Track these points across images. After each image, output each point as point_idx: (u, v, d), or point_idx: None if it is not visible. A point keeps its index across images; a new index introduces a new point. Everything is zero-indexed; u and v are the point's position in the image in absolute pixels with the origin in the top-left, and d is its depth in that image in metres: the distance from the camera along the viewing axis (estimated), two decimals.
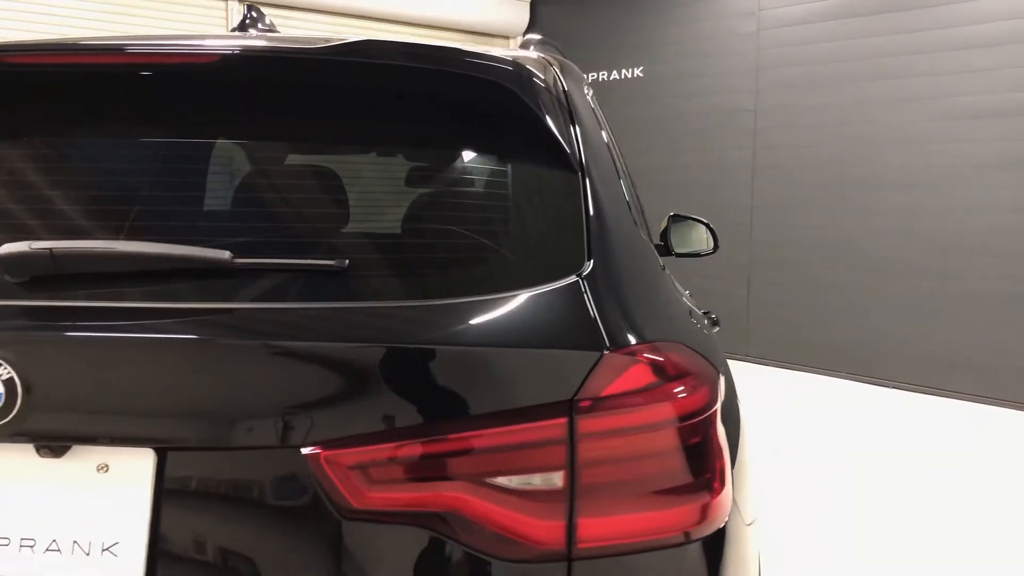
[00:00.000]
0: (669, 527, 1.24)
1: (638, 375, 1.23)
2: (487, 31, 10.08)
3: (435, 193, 1.40)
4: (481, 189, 1.40)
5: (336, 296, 1.24)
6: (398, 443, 1.17)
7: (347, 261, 1.25)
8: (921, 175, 6.99)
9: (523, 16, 10.07)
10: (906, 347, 6.89)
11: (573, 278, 1.28)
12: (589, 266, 1.31)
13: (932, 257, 6.89)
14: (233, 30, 1.97)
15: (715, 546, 1.29)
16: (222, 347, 1.20)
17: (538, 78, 1.48)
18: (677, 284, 1.84)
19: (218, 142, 1.47)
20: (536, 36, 2.05)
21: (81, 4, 7.50)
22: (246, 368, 1.20)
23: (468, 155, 1.42)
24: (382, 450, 1.17)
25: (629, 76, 9.06)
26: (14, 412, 1.16)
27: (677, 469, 1.24)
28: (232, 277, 1.24)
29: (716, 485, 1.28)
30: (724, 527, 1.30)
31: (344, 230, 1.35)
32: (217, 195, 1.43)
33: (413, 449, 1.17)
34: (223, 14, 8.25)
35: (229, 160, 1.44)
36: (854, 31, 7.34)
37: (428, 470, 1.18)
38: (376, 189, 1.43)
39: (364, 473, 1.17)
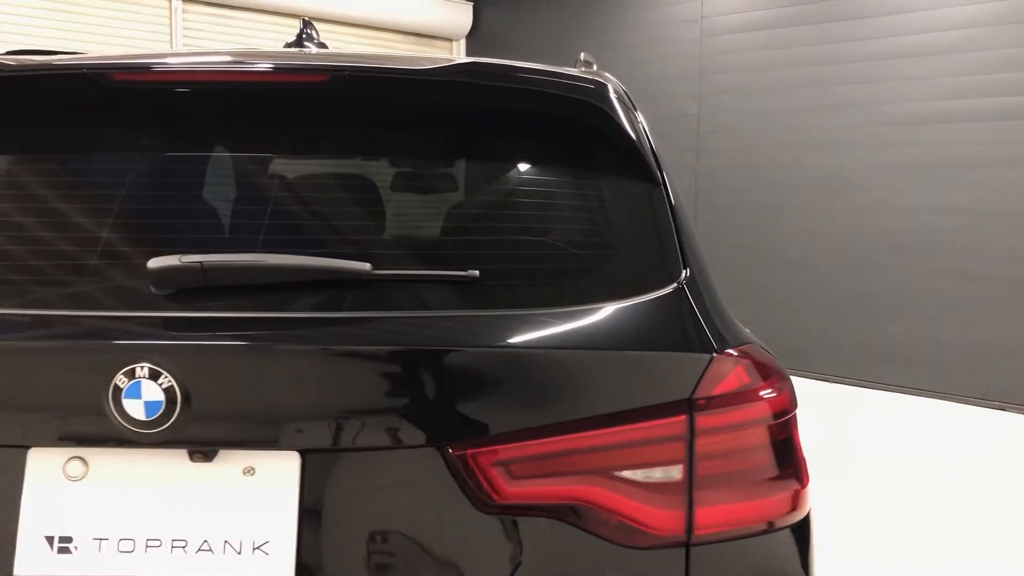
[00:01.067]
0: (769, 514, 1.37)
1: (740, 375, 1.35)
2: (430, 33, 10.13)
3: (546, 206, 1.49)
4: (586, 203, 1.50)
5: (469, 304, 1.32)
6: (537, 441, 1.27)
7: (477, 272, 1.33)
8: (851, 178, 7.33)
9: (466, 19, 10.15)
10: (835, 342, 7.23)
11: (676, 285, 1.40)
12: (686, 273, 1.43)
13: (860, 256, 7.24)
14: (288, 45, 2.02)
15: (803, 531, 1.42)
16: (365, 354, 1.27)
17: (619, 97, 1.59)
18: None
19: (343, 159, 1.53)
20: (587, 56, 2.15)
21: (24, 1, 7.30)
22: (391, 373, 1.27)
23: (571, 171, 1.52)
24: (522, 447, 1.26)
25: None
26: (172, 419, 1.22)
27: (773, 462, 1.37)
28: (370, 287, 1.31)
29: (803, 477, 1.41)
30: (808, 514, 1.43)
31: (470, 243, 1.44)
32: (346, 209, 1.49)
33: (550, 446, 1.27)
34: (167, 14, 8.11)
35: (355, 175, 1.51)
36: (791, 40, 7.64)
37: (562, 466, 1.28)
38: (497, 205, 1.51)
39: (506, 469, 1.26)
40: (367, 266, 1.30)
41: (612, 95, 1.58)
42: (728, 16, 8.02)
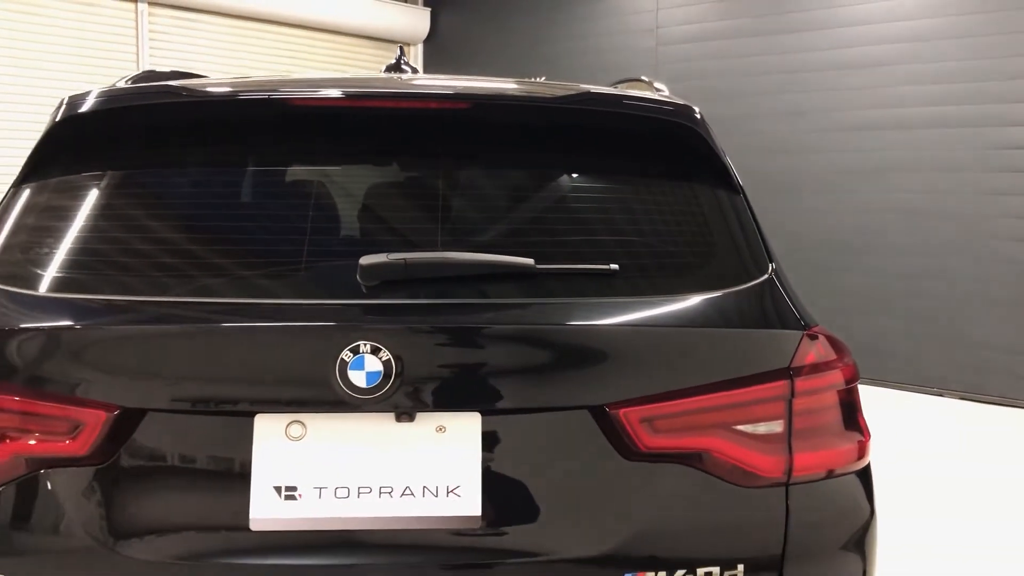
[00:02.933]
0: (844, 460, 1.70)
1: (824, 349, 1.68)
2: (389, 37, 10.32)
3: (661, 211, 1.80)
4: (691, 209, 1.81)
5: (611, 293, 1.62)
6: (673, 402, 1.57)
7: (616, 266, 1.63)
8: (800, 181, 7.83)
9: (424, 24, 10.39)
10: None
11: (768, 276, 1.72)
12: (772, 265, 1.75)
13: (811, 255, 7.74)
14: (386, 69, 2.28)
15: (866, 474, 1.75)
16: (533, 332, 1.56)
17: (699, 113, 1.91)
18: None
19: (496, 172, 1.81)
20: (644, 78, 2.46)
21: None
22: (553, 347, 1.57)
23: (674, 183, 1.82)
24: (661, 407, 1.57)
25: (529, 79, 9.54)
26: (387, 387, 1.48)
27: (846, 419, 1.70)
28: (533, 279, 1.60)
29: (865, 432, 1.74)
30: (869, 463, 1.76)
31: (607, 243, 1.73)
32: (507, 214, 1.77)
33: (682, 406, 1.58)
34: (132, 17, 8.17)
35: (510, 186, 1.80)
36: (741, 51, 8.11)
37: (692, 421, 1.59)
38: (624, 211, 1.80)
39: (650, 424, 1.56)
40: (531, 261, 1.59)
41: (699, 117, 1.89)
42: (682, 27, 8.45)
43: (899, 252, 7.34)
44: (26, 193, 1.74)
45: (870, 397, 6.78)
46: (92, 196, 1.72)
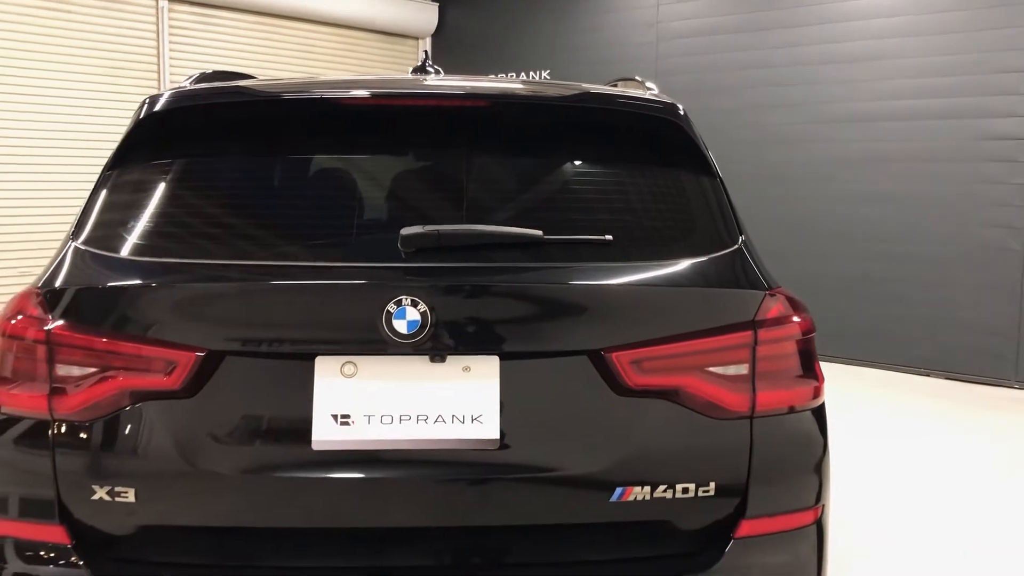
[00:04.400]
0: (801, 399, 2.04)
1: (782, 306, 2.02)
2: (397, 32, 10.66)
3: (649, 191, 2.15)
4: (675, 189, 2.15)
5: (606, 259, 1.97)
6: (656, 347, 1.91)
7: (610, 237, 1.98)
8: (792, 170, 8.16)
9: (432, 18, 10.71)
10: None
11: (738, 246, 2.07)
12: (742, 238, 2.09)
13: (804, 241, 8.08)
14: (414, 71, 2.63)
15: (820, 413, 2.09)
16: (541, 290, 1.91)
17: (682, 109, 2.25)
18: None
19: (512, 158, 2.16)
20: (637, 77, 2.81)
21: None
22: (559, 302, 1.91)
23: (660, 167, 2.17)
24: (647, 351, 1.91)
25: (536, 78, 9.88)
26: (423, 334, 1.83)
27: (803, 364, 2.04)
28: (541, 247, 1.95)
29: (820, 376, 2.08)
30: (823, 403, 2.10)
31: (603, 218, 2.07)
32: (519, 193, 2.12)
33: (665, 350, 1.92)
34: (153, 13, 8.50)
35: (522, 170, 2.15)
36: (740, 45, 8.43)
37: (672, 364, 1.93)
38: (616, 191, 2.15)
39: (638, 365, 1.90)
40: (540, 232, 1.94)
41: (683, 113, 2.24)
42: (682, 22, 8.76)
43: (888, 239, 7.68)
44: (118, 175, 2.09)
45: (858, 377, 7.10)
46: (175, 177, 2.07)
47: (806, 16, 8.03)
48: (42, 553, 1.90)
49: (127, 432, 1.87)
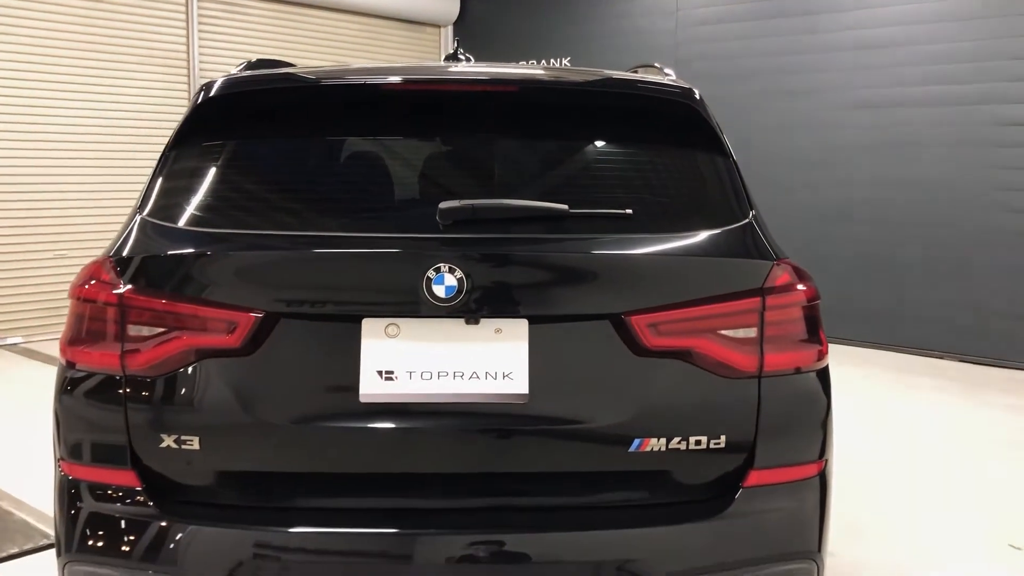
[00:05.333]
0: (805, 361, 2.21)
1: (789, 274, 2.19)
2: (420, 20, 10.83)
3: (668, 169, 2.33)
4: (692, 168, 2.33)
5: (626, 231, 2.14)
6: (673, 311, 2.09)
7: (631, 210, 2.16)
8: (812, 156, 8.28)
9: (454, 6, 10.87)
10: None
11: (748, 219, 2.24)
12: (753, 212, 2.26)
13: (821, 225, 8.20)
14: (446, 58, 2.81)
15: (824, 374, 2.26)
16: (567, 258, 2.09)
17: (698, 94, 2.42)
18: None
19: (539, 139, 2.34)
20: (656, 64, 2.98)
21: None
22: (584, 269, 2.09)
23: (677, 147, 2.34)
24: (664, 315, 2.08)
25: (558, 65, 10.03)
26: (460, 298, 2.02)
27: (808, 329, 2.21)
28: (567, 220, 2.13)
29: (824, 340, 2.25)
30: (827, 365, 2.27)
31: (624, 193, 2.25)
32: (547, 170, 2.31)
33: (681, 314, 2.09)
34: (183, 4, 8.71)
35: (548, 149, 2.33)
36: (759, 32, 8.54)
37: (686, 327, 2.10)
38: (636, 168, 2.34)
39: (654, 328, 2.08)
40: (566, 206, 2.12)
41: (698, 97, 2.41)
42: (701, 9, 8.88)
43: (903, 223, 7.79)
44: (178, 154, 2.28)
45: (875, 359, 7.22)
46: (231, 155, 2.27)
47: (825, 3, 8.13)
48: (115, 495, 2.11)
49: (192, 386, 2.07)
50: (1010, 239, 7.27)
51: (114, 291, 2.09)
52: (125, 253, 2.14)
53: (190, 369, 2.07)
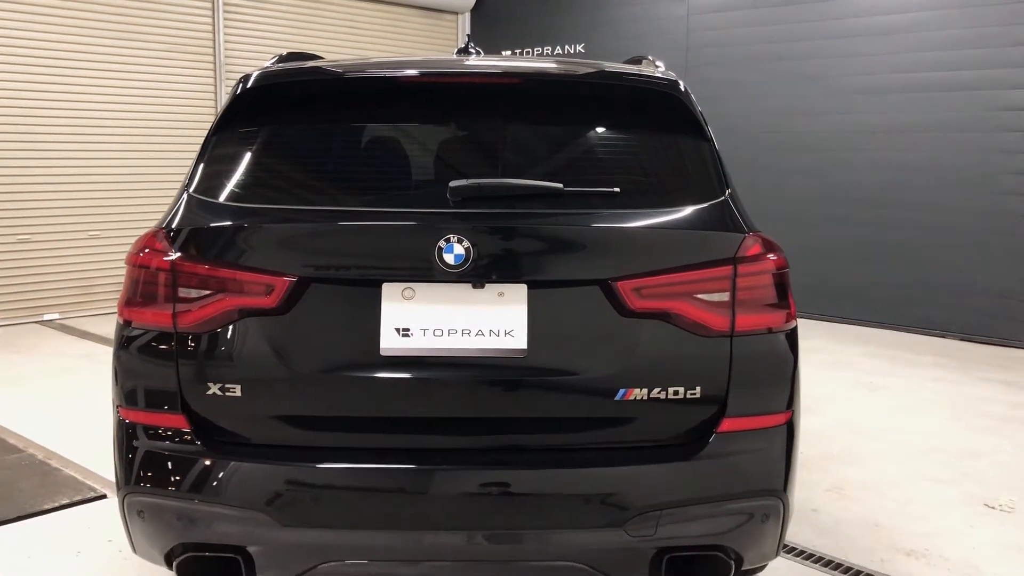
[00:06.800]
0: (775, 322, 2.48)
1: (758, 246, 2.46)
2: (437, 7, 11.08)
3: (650, 152, 2.61)
4: (674, 150, 2.60)
5: (613, 206, 2.43)
6: (654, 277, 2.37)
7: (618, 188, 2.44)
8: (818, 140, 8.50)
9: None
10: (813, 283, 8.42)
11: (724, 197, 2.52)
12: (728, 191, 2.54)
13: (826, 208, 8.43)
14: (458, 52, 3.10)
15: (792, 336, 2.54)
16: (561, 230, 2.38)
17: (685, 88, 2.69)
18: None
19: (537, 124, 2.63)
20: (648, 56, 3.25)
21: None
22: (576, 239, 2.38)
23: (661, 133, 2.62)
24: (648, 280, 2.37)
25: (572, 52, 10.28)
26: (467, 265, 2.31)
27: (777, 294, 2.48)
28: (561, 197, 2.41)
29: (792, 304, 2.53)
30: (795, 327, 2.55)
31: (612, 173, 2.54)
32: (544, 154, 2.59)
33: (661, 280, 2.38)
34: (210, 8, 9.04)
35: (546, 135, 2.62)
36: (767, 19, 8.75)
37: (666, 291, 2.38)
38: (622, 151, 2.62)
39: (638, 292, 2.36)
40: (560, 185, 2.41)
41: (682, 87, 2.68)
42: None
43: (909, 206, 8.01)
44: (221, 138, 2.59)
45: (879, 337, 7.47)
46: (268, 139, 2.58)
47: None
48: (166, 436, 2.42)
49: (234, 341, 2.38)
50: (1010, 221, 7.47)
51: (165, 258, 2.39)
52: (175, 225, 2.45)
53: (232, 326, 2.37)
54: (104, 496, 4.01)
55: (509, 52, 10.85)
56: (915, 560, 3.49)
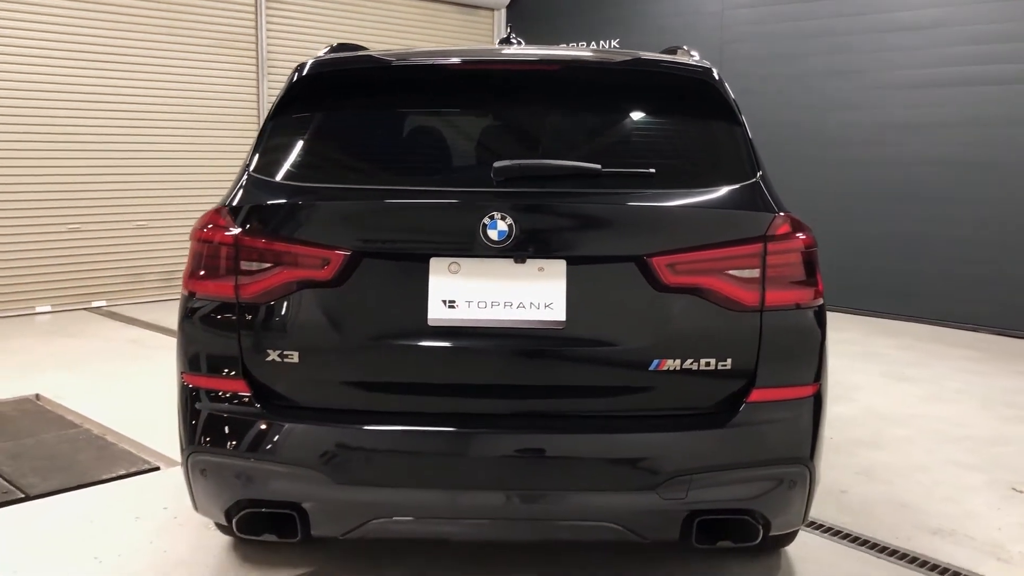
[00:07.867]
0: (803, 299, 2.60)
1: (788, 225, 2.58)
2: (473, 3, 11.24)
3: (686, 135, 2.74)
4: (707, 134, 2.73)
5: (650, 186, 2.56)
6: (687, 254, 2.50)
7: (653, 170, 2.57)
8: (854, 134, 8.54)
9: None
10: (845, 277, 8.47)
11: (755, 179, 2.64)
12: (760, 173, 2.67)
13: (860, 203, 8.47)
14: (500, 42, 3.26)
15: (821, 312, 2.65)
16: (600, 209, 2.52)
17: (718, 75, 2.82)
18: None
19: (577, 110, 2.77)
20: (683, 47, 3.39)
21: None
22: (614, 217, 2.52)
23: (696, 118, 2.75)
24: (682, 257, 2.49)
25: (607, 46, 10.39)
26: (509, 241, 2.45)
27: (806, 272, 2.60)
28: (600, 178, 2.55)
29: (819, 282, 2.64)
30: (823, 304, 2.67)
31: (648, 155, 2.67)
32: (583, 136, 2.74)
33: (695, 256, 2.50)
34: (252, 4, 9.26)
35: (585, 120, 2.76)
36: (801, 13, 8.81)
37: (699, 267, 2.51)
38: (659, 134, 2.76)
39: (672, 268, 2.49)
40: (599, 166, 2.54)
41: (716, 74, 2.81)
42: None
43: (941, 201, 8.03)
44: (278, 122, 2.76)
45: (912, 330, 7.51)
46: (323, 123, 2.75)
47: None
48: (228, 399, 2.59)
49: (292, 311, 2.54)
50: None
51: (228, 233, 2.56)
52: (236, 203, 2.62)
53: (290, 298, 2.54)
54: (157, 468, 4.20)
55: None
56: (940, 539, 3.58)
